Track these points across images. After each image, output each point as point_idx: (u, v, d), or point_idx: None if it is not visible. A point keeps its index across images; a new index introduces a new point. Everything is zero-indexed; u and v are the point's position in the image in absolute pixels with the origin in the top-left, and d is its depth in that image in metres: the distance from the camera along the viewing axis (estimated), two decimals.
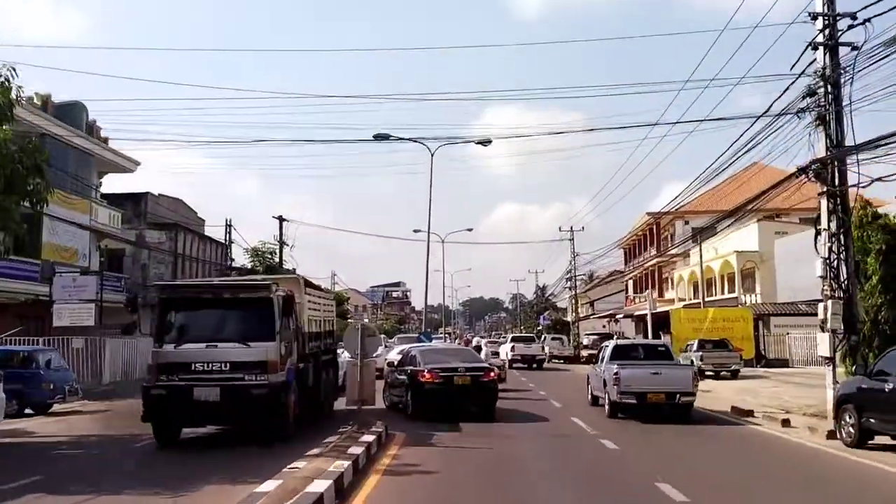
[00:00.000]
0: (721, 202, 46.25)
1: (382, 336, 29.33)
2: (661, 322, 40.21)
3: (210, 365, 11.49)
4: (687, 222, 53.70)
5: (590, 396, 19.43)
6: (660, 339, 37.25)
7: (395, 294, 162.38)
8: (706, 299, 47.31)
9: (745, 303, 40.92)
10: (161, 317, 12.11)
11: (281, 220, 47.80)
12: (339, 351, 17.84)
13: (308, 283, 15.40)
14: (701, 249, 38.52)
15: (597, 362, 19.63)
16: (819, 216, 14.97)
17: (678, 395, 15.87)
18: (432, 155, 29.04)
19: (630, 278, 70.11)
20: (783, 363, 35.51)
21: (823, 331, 14.58)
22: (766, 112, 15.81)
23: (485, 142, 27.84)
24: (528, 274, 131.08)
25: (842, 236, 14.55)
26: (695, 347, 30.18)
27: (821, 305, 14.64)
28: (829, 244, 14.53)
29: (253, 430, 12.30)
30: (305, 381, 13.45)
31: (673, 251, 52.97)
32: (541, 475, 10.05)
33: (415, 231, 49.04)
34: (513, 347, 39.71)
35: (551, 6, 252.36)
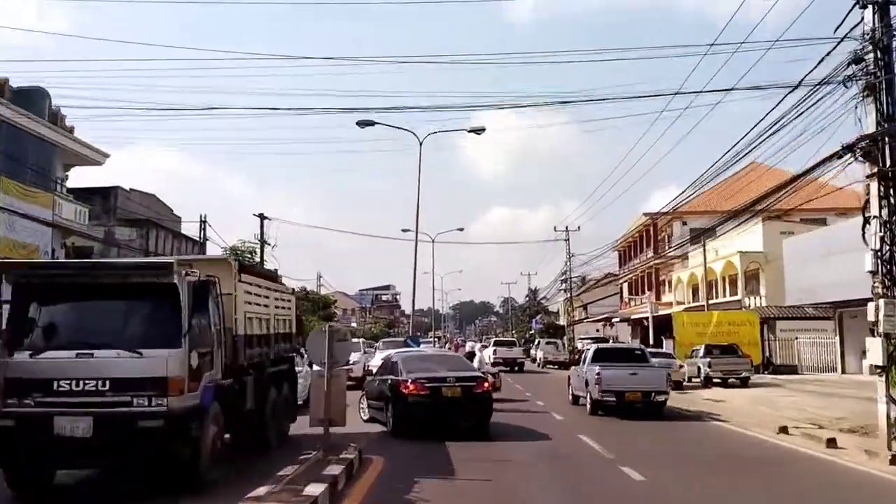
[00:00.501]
0: (720, 203, 44.56)
1: (360, 340, 27.00)
2: (662, 326, 38.17)
3: (81, 383, 7.78)
4: (685, 223, 51.90)
5: (570, 396, 21.00)
6: (661, 343, 35.25)
7: (384, 297, 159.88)
8: (708, 302, 45.50)
9: (749, 306, 38.95)
10: (14, 312, 8.37)
11: (262, 217, 45.64)
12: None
13: (245, 268, 11.83)
14: (705, 250, 36.49)
15: (578, 364, 20.69)
16: (867, 202, 12.86)
17: (653, 394, 17.66)
18: (421, 143, 26.90)
19: (625, 281, 68.12)
20: (791, 369, 33.54)
21: (874, 335, 12.46)
22: (802, 81, 13.72)
23: (478, 130, 25.72)
24: (521, 276, 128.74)
25: (895, 225, 12.48)
26: (701, 353, 28.10)
27: (871, 305, 12.53)
28: (880, 234, 12.44)
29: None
30: (238, 402, 9.85)
31: (671, 253, 51.15)
32: None
33: (403, 231, 47.11)
34: (495, 351, 42.62)
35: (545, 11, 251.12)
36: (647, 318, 48.57)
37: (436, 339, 65.02)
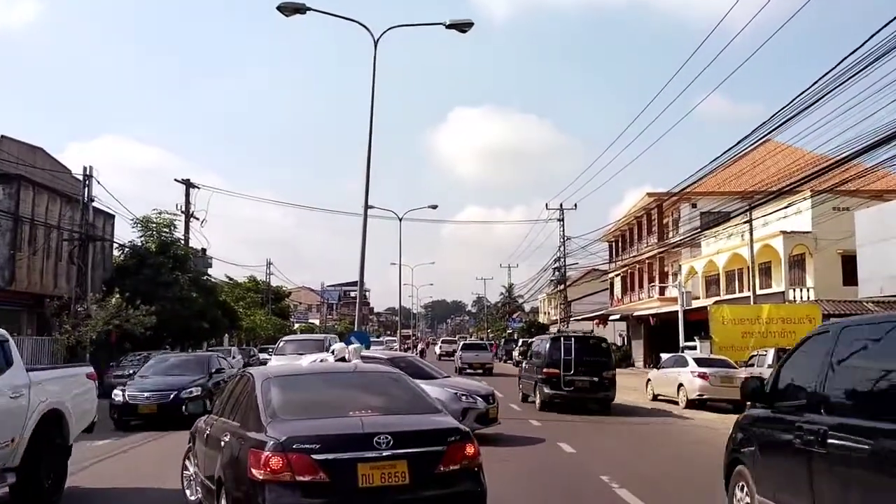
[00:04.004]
0: (733, 184, 37.12)
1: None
2: (673, 324, 30.09)
3: None
4: (694, 205, 44.13)
5: (455, 368, 36.49)
6: (694, 345, 27.16)
7: (352, 294, 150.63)
8: (725, 296, 37.79)
9: (794, 300, 31.02)
10: None
11: (187, 184, 36.83)
12: None
13: None
14: (751, 225, 28.34)
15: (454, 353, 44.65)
16: None
17: (486, 365, 38.32)
18: (376, 43, 18.39)
19: (618, 274, 60.04)
20: None
21: None
22: None
23: (463, 25, 17.31)
24: (500, 269, 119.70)
25: None
26: (770, 360, 19.91)
27: None
28: None
29: None
30: None
31: (675, 240, 43.32)
32: None
33: (365, 207, 38.72)
34: (440, 346, 61.12)
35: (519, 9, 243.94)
36: (652, 316, 41.07)
37: (401, 341, 55.72)
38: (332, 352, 7.13)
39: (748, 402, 6.88)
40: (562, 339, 19.73)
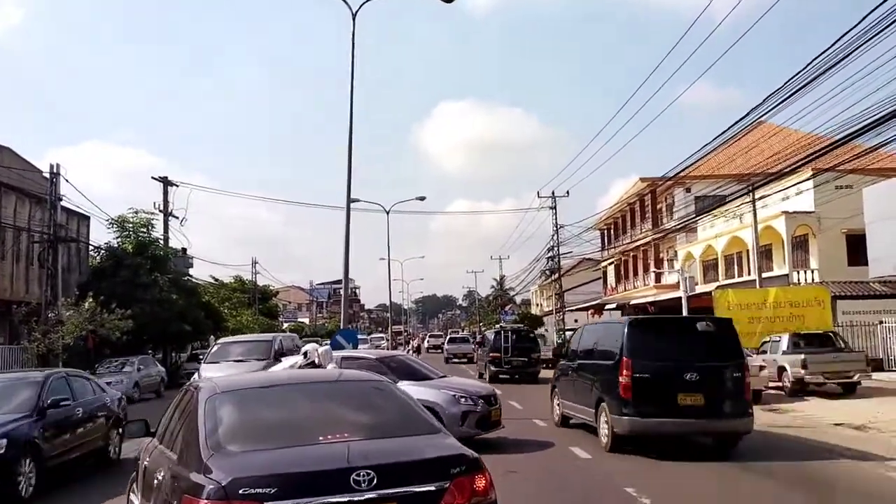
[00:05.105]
0: (725, 168, 36.12)
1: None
2: (670, 312, 28.96)
3: None
4: (688, 189, 43.07)
5: (443, 359, 43.03)
6: None
7: (342, 291, 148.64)
8: (725, 281, 36.71)
9: (798, 282, 29.92)
10: None
11: (165, 182, 35.38)
12: None
13: None
14: (755, 206, 27.09)
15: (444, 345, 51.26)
16: None
17: (467, 355, 43.19)
18: (354, 16, 17.15)
19: (611, 263, 58.87)
20: (874, 364, 24.50)
21: None
22: None
23: None
24: (491, 261, 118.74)
25: None
26: (785, 346, 18.79)
27: None
28: None
29: None
30: None
31: (669, 226, 42.20)
32: None
33: (352, 200, 37.42)
34: (428, 340, 68.99)
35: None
36: (650, 304, 39.99)
37: (392, 338, 55.09)
38: (305, 354, 5.82)
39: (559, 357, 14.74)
40: (502, 331, 27.82)
